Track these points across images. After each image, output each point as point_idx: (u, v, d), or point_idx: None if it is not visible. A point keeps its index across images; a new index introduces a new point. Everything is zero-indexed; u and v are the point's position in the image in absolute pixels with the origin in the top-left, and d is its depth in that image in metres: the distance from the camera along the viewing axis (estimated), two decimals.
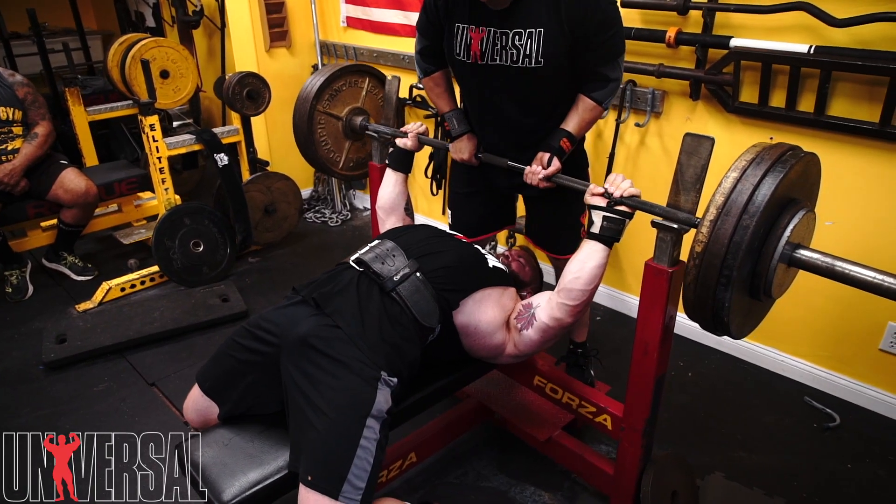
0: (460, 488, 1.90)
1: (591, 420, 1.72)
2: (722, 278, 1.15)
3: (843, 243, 2.08)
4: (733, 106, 2.15)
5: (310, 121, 2.22)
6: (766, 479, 1.90)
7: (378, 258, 1.52)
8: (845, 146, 1.99)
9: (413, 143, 1.94)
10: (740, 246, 1.12)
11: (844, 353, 2.21)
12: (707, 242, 1.16)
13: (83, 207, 2.92)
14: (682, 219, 1.34)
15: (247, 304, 2.83)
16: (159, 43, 3.40)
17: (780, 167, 1.15)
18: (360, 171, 2.46)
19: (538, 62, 1.59)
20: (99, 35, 5.39)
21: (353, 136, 2.33)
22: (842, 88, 1.94)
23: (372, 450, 1.27)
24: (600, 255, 1.46)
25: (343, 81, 2.28)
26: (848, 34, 1.86)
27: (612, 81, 1.66)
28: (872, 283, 1.11)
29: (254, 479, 1.36)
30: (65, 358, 2.44)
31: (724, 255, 1.14)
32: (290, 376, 1.36)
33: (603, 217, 1.45)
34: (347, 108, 2.29)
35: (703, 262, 1.17)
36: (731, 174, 1.17)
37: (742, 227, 1.13)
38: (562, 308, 1.50)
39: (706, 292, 1.18)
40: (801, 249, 1.20)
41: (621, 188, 1.44)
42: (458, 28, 1.68)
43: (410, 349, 1.44)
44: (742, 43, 2.02)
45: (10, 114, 2.69)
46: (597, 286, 1.49)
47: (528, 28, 1.57)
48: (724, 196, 1.15)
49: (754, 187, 1.13)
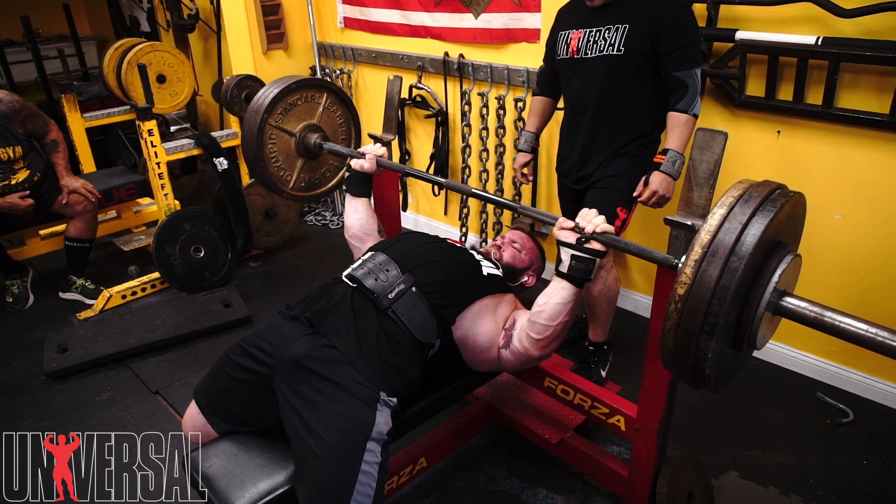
0: (471, 493, 1.87)
1: (603, 421, 1.69)
2: (706, 325, 1.02)
3: (853, 237, 2.06)
4: (739, 100, 2.12)
5: (259, 135, 2.04)
6: (781, 478, 1.88)
7: (371, 273, 1.47)
8: (854, 138, 1.96)
9: (371, 166, 1.81)
10: (727, 290, 1.00)
11: (856, 348, 2.17)
12: (691, 285, 1.03)
13: (86, 217, 2.86)
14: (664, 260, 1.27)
15: (249, 308, 2.80)
16: (155, 47, 3.37)
17: (770, 206, 1.04)
18: (311, 193, 2.27)
19: (619, 50, 1.87)
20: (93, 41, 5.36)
21: (307, 155, 2.16)
22: (850, 80, 1.91)
23: (374, 473, 1.25)
24: (565, 293, 1.38)
25: (299, 95, 2.11)
26: (855, 25, 1.84)
27: (691, 88, 1.82)
28: (864, 337, 0.99)
29: (264, 489, 1.34)
30: (67, 367, 2.41)
31: (710, 301, 1.01)
32: (285, 399, 1.33)
33: (571, 256, 1.35)
34: (302, 125, 2.13)
35: (685, 307, 1.04)
36: (718, 211, 1.06)
37: (730, 269, 1.00)
38: (528, 339, 1.45)
39: (688, 340, 1.05)
40: (787, 297, 1.08)
41: (593, 223, 1.33)
42: (562, 35, 2.02)
43: (410, 368, 1.41)
44: (748, 35, 2.00)
45: (11, 153, 2.61)
46: (563, 324, 1.41)
47: (616, 24, 1.87)
48: (711, 234, 1.03)
49: (743, 226, 1.02)
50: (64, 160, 2.79)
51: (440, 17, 2.99)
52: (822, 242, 2.12)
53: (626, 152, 1.99)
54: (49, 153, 2.78)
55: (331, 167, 2.28)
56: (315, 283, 1.61)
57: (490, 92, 2.90)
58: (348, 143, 2.33)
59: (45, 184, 2.77)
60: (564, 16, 2.08)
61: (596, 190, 2.03)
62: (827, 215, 2.09)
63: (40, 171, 2.75)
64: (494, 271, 1.64)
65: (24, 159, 2.68)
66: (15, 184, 2.66)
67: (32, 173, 2.72)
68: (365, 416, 1.28)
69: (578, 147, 2.07)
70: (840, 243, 2.10)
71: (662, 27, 1.81)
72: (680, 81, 1.83)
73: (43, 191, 2.76)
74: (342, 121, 2.28)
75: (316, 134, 2.13)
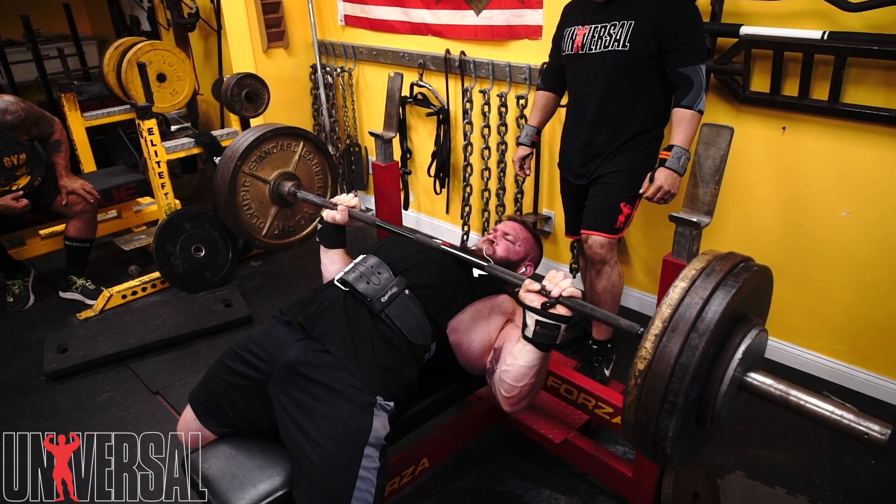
0: (474, 493, 1.85)
1: (607, 421, 1.67)
2: (666, 404, 0.99)
3: (860, 234, 2.04)
4: (744, 96, 2.10)
5: (232, 182, 2.03)
6: (787, 478, 1.86)
7: (363, 277, 1.45)
8: (861, 134, 1.94)
9: (342, 217, 1.70)
10: (687, 368, 0.96)
11: (862, 346, 2.17)
12: (651, 360, 0.99)
13: (85, 216, 2.85)
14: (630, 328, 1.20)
15: (250, 308, 2.79)
16: (155, 46, 3.36)
17: (732, 281, 1.01)
18: (284, 241, 2.26)
19: (624, 46, 1.87)
20: (94, 40, 5.35)
21: (281, 203, 2.15)
22: (857, 75, 1.89)
23: (372, 479, 1.23)
24: (530, 356, 1.31)
25: (274, 143, 2.12)
26: (862, 19, 1.82)
27: (696, 84, 1.81)
28: (830, 420, 0.96)
29: (264, 490, 1.32)
30: (67, 368, 2.40)
31: (669, 378, 0.97)
32: (281, 405, 1.31)
33: (536, 321, 1.27)
34: (277, 172, 2.12)
35: (645, 384, 1.00)
36: (679, 284, 1.03)
37: (690, 346, 0.97)
38: (500, 393, 1.41)
39: (648, 417, 1.01)
40: (752, 373, 1.05)
41: (560, 286, 1.25)
42: (568, 31, 2.02)
43: (406, 372, 1.39)
44: (753, 31, 1.98)
45: (15, 160, 2.60)
46: (530, 385, 1.36)
47: (622, 20, 1.87)
48: (672, 308, 1.00)
49: (704, 302, 0.98)
50: (64, 160, 2.78)
51: (441, 15, 2.97)
52: (827, 239, 2.10)
53: (630, 148, 1.97)
54: (51, 153, 2.77)
55: (305, 215, 2.26)
56: (316, 281, 1.60)
57: (492, 89, 2.88)
58: (324, 191, 2.32)
59: (45, 185, 2.76)
60: (570, 12, 2.08)
61: (599, 185, 2.02)
62: (833, 212, 2.07)
63: (41, 176, 2.74)
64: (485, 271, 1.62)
65: (26, 165, 2.67)
66: (16, 189, 2.65)
67: (33, 178, 2.71)
68: (362, 422, 1.26)
69: (581, 142, 2.05)
70: (846, 240, 2.08)
71: (667, 23, 1.81)
72: (685, 77, 1.82)
73: (43, 191, 2.75)
74: (318, 169, 2.27)
75: (290, 182, 2.12)
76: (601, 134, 2.00)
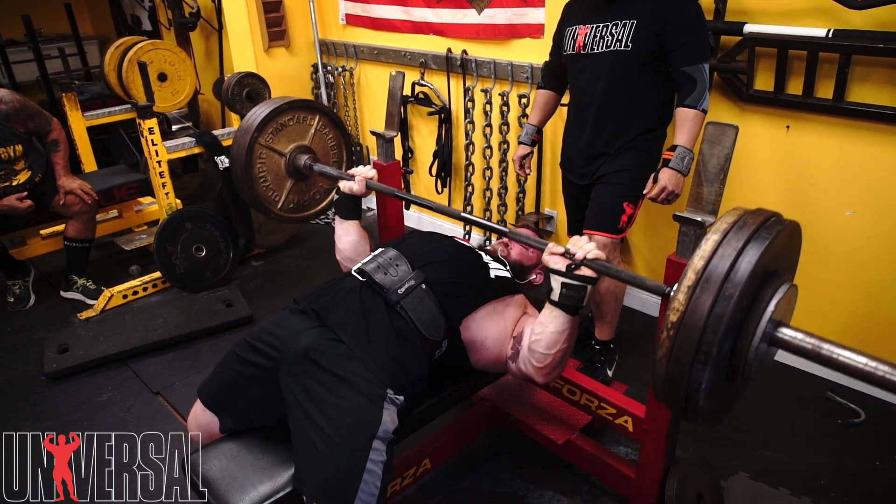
0: (476, 494, 1.84)
1: (610, 422, 1.66)
2: (700, 355, 0.99)
3: (865, 234, 2.03)
4: (748, 94, 2.08)
5: (249, 153, 2.03)
6: (791, 479, 1.85)
7: (381, 268, 1.46)
8: (866, 133, 1.92)
9: (360, 188, 1.73)
10: (721, 318, 0.97)
11: (868, 346, 2.13)
12: (684, 311, 0.99)
13: (82, 217, 2.85)
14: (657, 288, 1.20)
15: (251, 308, 2.78)
16: (156, 45, 3.35)
17: (765, 233, 1.01)
18: (300, 214, 2.23)
19: (626, 46, 1.86)
20: (95, 40, 5.35)
21: (296, 176, 2.14)
22: (862, 73, 1.87)
23: (379, 472, 1.23)
24: (559, 321, 1.33)
25: (290, 116, 2.11)
26: (867, 16, 1.80)
27: (700, 83, 1.79)
28: (864, 371, 0.95)
29: (265, 492, 1.32)
30: (67, 368, 2.39)
31: (703, 329, 0.97)
32: (291, 392, 1.31)
33: (562, 283, 1.29)
34: (293, 145, 2.12)
35: (678, 335, 1.00)
36: (712, 237, 1.03)
37: (724, 296, 0.97)
38: (530, 366, 1.42)
39: (680, 370, 1.01)
40: (784, 328, 1.05)
41: (584, 249, 1.27)
42: (569, 30, 2.00)
43: (417, 366, 1.39)
44: (757, 29, 1.96)
45: (11, 152, 2.59)
46: (562, 352, 1.37)
47: (623, 20, 1.85)
48: (704, 260, 1.00)
49: (738, 253, 0.99)
50: (63, 160, 2.77)
51: (443, 13, 2.96)
52: (832, 239, 2.09)
53: (632, 147, 1.96)
54: (49, 152, 2.76)
55: (321, 189, 2.25)
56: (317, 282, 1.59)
57: (493, 88, 2.87)
58: (339, 165, 2.31)
59: (45, 184, 2.75)
60: (571, 10, 2.07)
61: (602, 185, 2.01)
62: (838, 211, 2.05)
63: (41, 172, 2.73)
64: (502, 272, 1.61)
65: (25, 159, 2.66)
66: (16, 185, 2.64)
67: (34, 174, 2.70)
68: (371, 414, 1.26)
69: (583, 142, 2.04)
70: (850, 239, 2.06)
71: (669, 21, 1.80)
72: (688, 76, 1.80)
73: (42, 191, 2.74)
74: (334, 143, 2.26)
75: (306, 155, 2.10)
76: (604, 134, 1.99)
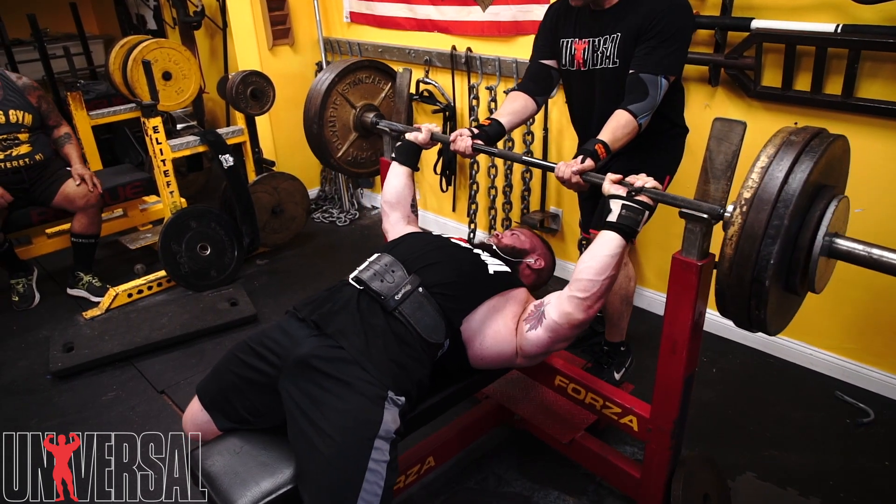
0: (481, 494, 1.83)
1: (615, 421, 1.65)
2: (759, 269, 1.07)
3: (874, 231, 1.99)
4: (755, 91, 2.06)
5: (326, 94, 2.16)
6: (800, 479, 1.83)
7: (377, 276, 1.46)
8: (876, 129, 1.90)
9: (426, 138, 1.87)
10: (778, 233, 1.05)
11: (876, 346, 2.13)
12: (742, 229, 1.07)
13: (88, 212, 2.86)
14: (711, 210, 1.25)
15: (256, 307, 2.78)
16: (161, 44, 3.35)
17: (812, 151, 1.08)
18: (354, 170, 2.35)
19: (614, 63, 1.78)
20: (100, 39, 5.37)
21: (362, 131, 2.26)
22: (871, 69, 1.85)
23: (382, 472, 1.22)
24: (614, 243, 1.36)
25: (367, 74, 2.27)
26: (876, 11, 1.78)
27: (650, 97, 1.68)
28: None
29: (267, 488, 1.31)
30: (72, 367, 2.39)
31: (760, 244, 1.05)
32: (291, 398, 1.31)
33: (622, 205, 1.36)
34: (364, 102, 2.26)
35: (737, 251, 1.08)
36: (762, 157, 1.10)
37: (778, 214, 1.05)
38: (572, 301, 1.39)
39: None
40: (839, 239, 1.13)
41: (644, 179, 1.37)
42: (565, 43, 1.89)
43: (419, 368, 1.38)
44: (764, 24, 1.94)
45: (21, 117, 2.64)
46: (609, 279, 1.37)
47: (611, 33, 1.77)
48: (757, 181, 1.08)
49: (787, 171, 1.06)
50: (76, 151, 2.90)
51: (447, 11, 2.95)
52: None
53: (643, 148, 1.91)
54: (62, 145, 2.86)
55: (376, 153, 2.35)
56: (322, 280, 1.59)
57: (498, 86, 2.85)
58: None
59: (46, 170, 2.79)
60: (560, 18, 1.92)
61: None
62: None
63: (44, 154, 2.78)
64: (500, 268, 1.60)
65: (30, 131, 2.72)
66: (16, 156, 2.68)
67: (35, 151, 2.75)
68: (372, 414, 1.25)
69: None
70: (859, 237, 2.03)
71: (645, 29, 1.70)
72: (642, 84, 1.67)
73: (44, 178, 2.79)
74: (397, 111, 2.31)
75: (373, 113, 2.23)
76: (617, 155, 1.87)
